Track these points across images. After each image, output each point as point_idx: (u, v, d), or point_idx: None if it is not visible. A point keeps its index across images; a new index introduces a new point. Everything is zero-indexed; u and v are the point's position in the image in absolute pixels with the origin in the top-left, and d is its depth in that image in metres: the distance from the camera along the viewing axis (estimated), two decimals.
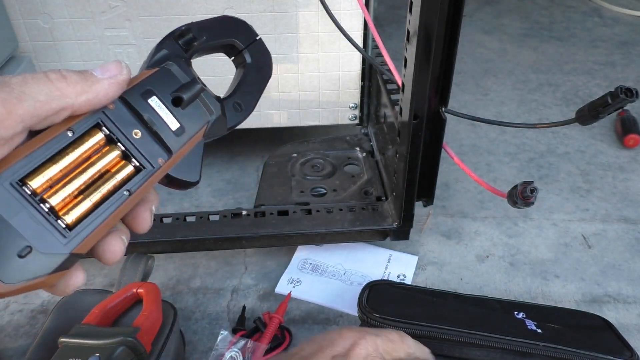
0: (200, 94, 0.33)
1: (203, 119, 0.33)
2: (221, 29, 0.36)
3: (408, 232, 0.79)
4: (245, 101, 0.36)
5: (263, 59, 0.38)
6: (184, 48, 0.34)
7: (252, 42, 0.37)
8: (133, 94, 0.30)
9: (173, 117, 0.31)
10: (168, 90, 0.32)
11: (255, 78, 0.37)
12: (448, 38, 0.65)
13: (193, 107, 0.33)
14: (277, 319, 0.69)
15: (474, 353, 0.61)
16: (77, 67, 0.89)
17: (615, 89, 0.54)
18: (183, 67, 0.33)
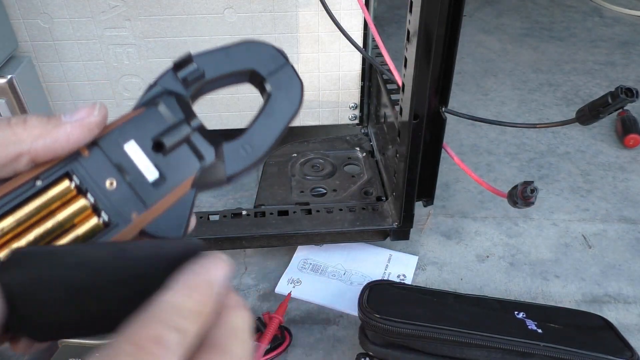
0: (189, 137, 0.28)
1: (190, 167, 0.28)
2: (236, 56, 0.30)
3: (408, 232, 0.79)
4: (256, 141, 0.30)
5: (288, 89, 0.31)
6: (183, 82, 0.29)
7: (278, 69, 0.31)
8: (109, 139, 0.27)
9: (152, 165, 0.27)
10: (150, 134, 0.28)
11: (274, 112, 0.31)
12: (448, 38, 0.65)
13: (178, 153, 0.28)
14: (277, 319, 0.69)
15: (475, 353, 0.61)
16: (77, 67, 0.89)
17: (616, 88, 0.54)
18: (173, 105, 0.28)
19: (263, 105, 0.31)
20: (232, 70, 0.30)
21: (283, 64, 0.31)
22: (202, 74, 0.29)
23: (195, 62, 0.29)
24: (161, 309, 0.21)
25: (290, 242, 0.80)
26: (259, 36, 0.87)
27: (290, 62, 0.31)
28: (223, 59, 0.30)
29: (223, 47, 0.30)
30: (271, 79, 0.31)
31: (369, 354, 0.65)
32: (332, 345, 0.71)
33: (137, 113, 0.28)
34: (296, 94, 0.31)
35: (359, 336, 0.66)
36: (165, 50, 0.87)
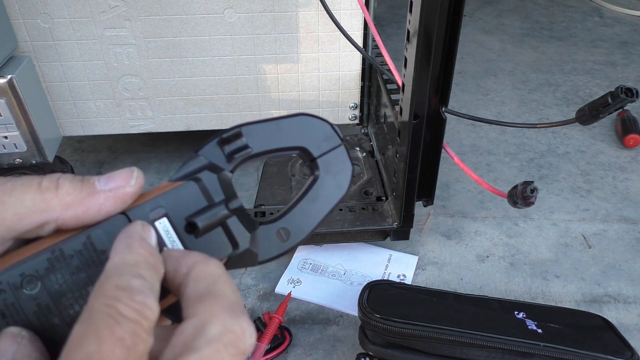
0: (225, 221, 0.26)
1: (222, 252, 0.26)
2: (288, 132, 0.28)
3: (408, 232, 0.79)
4: (296, 228, 0.28)
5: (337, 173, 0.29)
6: (227, 156, 0.27)
7: (329, 150, 0.29)
8: (140, 212, 0.25)
9: (182, 245, 0.25)
10: (184, 212, 0.26)
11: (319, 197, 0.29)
12: (448, 38, 0.65)
13: (212, 236, 0.26)
14: (277, 319, 0.69)
15: (475, 353, 0.61)
16: (76, 67, 0.89)
17: (616, 88, 0.54)
18: (214, 183, 0.26)
19: (308, 187, 0.29)
20: (281, 147, 0.28)
21: (337, 145, 0.29)
22: (249, 150, 0.27)
23: (244, 136, 0.27)
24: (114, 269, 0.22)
25: None
26: (259, 36, 0.87)
27: (344, 144, 0.29)
28: (274, 134, 0.28)
29: (276, 119, 0.28)
30: (322, 160, 0.29)
31: (369, 354, 0.65)
32: (332, 345, 0.71)
33: (174, 186, 0.26)
34: (345, 179, 0.29)
35: (359, 336, 0.66)
36: (165, 50, 0.87)
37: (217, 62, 0.89)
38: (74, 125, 0.93)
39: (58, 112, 0.91)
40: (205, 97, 0.91)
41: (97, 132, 0.94)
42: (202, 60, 0.88)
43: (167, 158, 1.06)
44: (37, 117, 0.82)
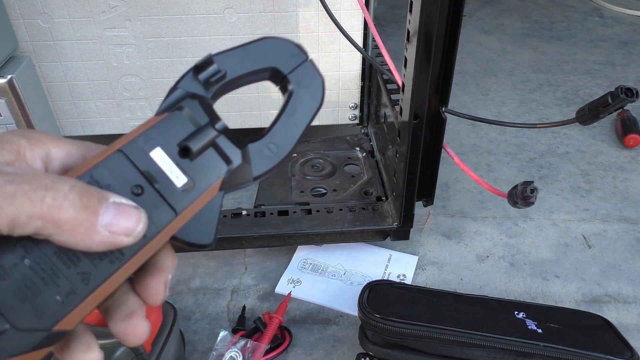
0: (215, 141, 0.28)
1: (217, 171, 0.28)
2: (256, 55, 0.30)
3: (408, 232, 0.79)
4: (280, 140, 0.30)
5: (309, 85, 0.30)
6: (204, 84, 0.29)
7: (298, 66, 0.30)
8: (134, 146, 0.26)
9: (180, 170, 0.27)
10: (175, 139, 0.27)
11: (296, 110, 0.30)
12: (448, 38, 0.65)
13: (205, 157, 0.27)
14: (277, 319, 0.69)
15: (475, 353, 0.61)
16: (76, 67, 0.89)
17: (616, 88, 0.54)
18: (197, 108, 0.28)
19: (285, 103, 0.30)
20: (252, 69, 0.30)
21: (303, 60, 0.30)
22: (223, 75, 0.29)
23: (215, 63, 0.29)
24: None
25: (290, 242, 0.80)
26: (259, 36, 0.87)
27: (310, 58, 0.30)
28: (243, 58, 0.30)
29: (243, 46, 0.30)
30: (292, 76, 0.30)
31: (369, 354, 0.65)
32: (332, 345, 0.71)
33: (160, 118, 0.27)
34: (318, 89, 0.30)
35: (359, 336, 0.66)
36: (165, 50, 0.87)
37: None
38: (74, 125, 0.93)
39: (58, 112, 0.91)
40: None
41: (97, 132, 0.94)
42: None
43: None
44: (37, 117, 0.82)
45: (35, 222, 0.22)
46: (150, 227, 0.26)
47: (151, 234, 0.26)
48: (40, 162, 0.25)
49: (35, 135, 0.26)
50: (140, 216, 0.25)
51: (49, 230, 0.23)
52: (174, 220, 0.27)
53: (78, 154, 0.27)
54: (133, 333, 0.27)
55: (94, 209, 0.23)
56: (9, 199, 0.22)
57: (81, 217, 0.23)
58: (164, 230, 0.26)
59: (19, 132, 0.26)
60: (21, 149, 0.25)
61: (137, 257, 0.26)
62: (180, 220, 0.27)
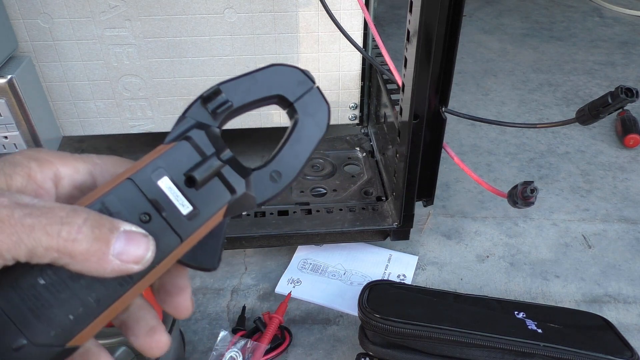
0: (220, 171, 0.29)
1: (222, 199, 0.29)
2: (263, 82, 0.31)
3: (408, 232, 0.79)
4: (285, 168, 0.31)
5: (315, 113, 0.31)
6: (211, 113, 0.30)
7: (304, 93, 0.31)
8: (143, 175, 0.28)
9: (185, 199, 0.28)
10: (182, 169, 0.28)
11: (301, 138, 0.31)
12: (448, 38, 0.65)
13: (210, 186, 0.29)
14: (277, 319, 0.69)
15: (475, 353, 0.61)
16: (76, 67, 0.89)
17: (616, 88, 0.54)
18: (203, 139, 0.29)
19: (290, 131, 0.31)
20: (259, 97, 0.31)
21: (310, 88, 0.31)
22: (230, 104, 0.30)
23: (223, 92, 0.30)
24: None
25: (290, 242, 0.80)
26: (259, 36, 0.87)
27: (316, 85, 0.31)
28: (250, 86, 0.31)
29: (250, 74, 0.31)
30: (298, 104, 0.31)
31: (369, 354, 0.65)
32: (332, 345, 0.71)
33: (168, 147, 0.29)
34: (323, 117, 0.31)
35: (359, 336, 0.66)
36: (165, 50, 0.87)
37: (217, 62, 0.89)
38: (74, 125, 0.93)
39: (58, 112, 0.91)
40: None
41: (97, 132, 0.94)
42: (202, 60, 0.88)
43: None
44: (37, 117, 0.82)
45: (51, 253, 0.24)
46: (157, 253, 0.27)
47: (158, 260, 0.27)
48: (51, 182, 0.27)
49: (44, 155, 0.27)
50: (148, 245, 0.26)
51: (64, 260, 0.25)
52: (179, 246, 0.28)
53: (84, 169, 0.28)
54: (157, 347, 0.29)
55: (105, 240, 0.25)
56: (27, 231, 0.24)
57: (94, 248, 0.25)
58: (170, 255, 0.28)
59: (28, 153, 0.27)
60: (32, 172, 0.26)
61: (144, 280, 0.27)
62: (186, 245, 0.29)
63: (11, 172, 0.26)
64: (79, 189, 0.28)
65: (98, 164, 0.29)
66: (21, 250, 0.24)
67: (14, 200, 0.24)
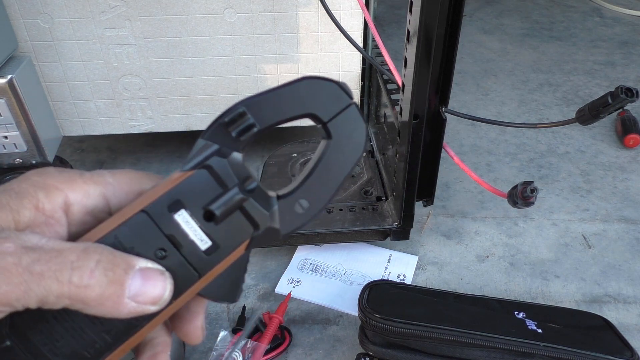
0: (242, 205, 0.27)
1: (243, 234, 0.27)
2: (292, 99, 0.27)
3: (408, 232, 0.79)
4: (314, 196, 0.28)
5: (350, 135, 0.28)
6: (234, 138, 0.27)
7: (339, 112, 0.27)
8: (158, 207, 0.26)
9: (204, 234, 0.26)
10: (201, 201, 0.26)
11: (334, 162, 0.28)
12: (448, 38, 0.65)
13: (231, 220, 0.27)
14: (277, 319, 0.69)
15: (475, 353, 0.61)
16: (76, 67, 0.89)
17: (616, 88, 0.54)
18: (224, 168, 0.26)
19: (322, 153, 0.28)
20: (288, 117, 0.27)
21: (347, 105, 0.28)
22: (255, 128, 0.27)
23: (249, 113, 0.27)
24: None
25: (290, 242, 0.80)
26: (259, 36, 0.87)
27: (354, 102, 0.28)
28: (279, 105, 0.27)
29: (278, 88, 0.27)
30: (332, 124, 0.28)
31: (369, 354, 0.65)
32: (332, 345, 0.71)
33: (186, 176, 0.26)
34: (359, 139, 0.28)
35: (359, 336, 0.66)
36: (165, 50, 0.87)
37: (217, 62, 0.89)
38: (74, 125, 0.93)
39: (58, 112, 0.91)
40: (205, 97, 0.91)
41: (97, 132, 0.94)
42: (202, 60, 0.88)
43: (167, 158, 1.06)
44: (37, 117, 0.82)
45: (63, 300, 0.23)
46: (174, 290, 0.26)
47: (175, 296, 0.26)
48: (60, 211, 0.26)
49: (51, 181, 0.25)
50: (165, 284, 0.25)
51: (77, 306, 0.24)
52: (197, 282, 0.27)
53: (95, 192, 0.27)
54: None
55: (120, 282, 0.24)
56: (36, 280, 0.22)
57: (108, 292, 0.23)
58: (188, 291, 0.27)
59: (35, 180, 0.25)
60: (39, 204, 0.25)
61: (161, 316, 0.26)
62: (204, 280, 0.27)
63: (18, 206, 0.24)
64: (91, 214, 0.27)
65: (110, 184, 0.27)
66: (31, 299, 0.23)
67: (21, 244, 0.23)
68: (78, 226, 0.26)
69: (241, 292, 0.28)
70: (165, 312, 0.26)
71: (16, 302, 0.23)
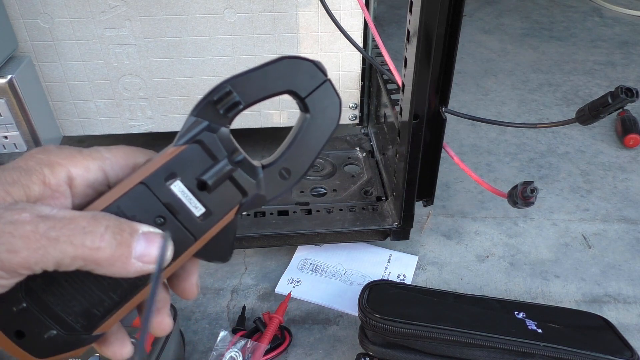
0: (232, 174, 0.30)
1: (233, 200, 0.30)
2: (273, 77, 0.30)
3: (408, 232, 0.79)
4: (295, 165, 0.31)
5: (326, 108, 0.31)
6: (223, 115, 0.29)
7: (316, 88, 0.30)
8: (155, 178, 0.28)
9: (198, 201, 0.29)
10: (194, 173, 0.29)
11: (312, 133, 0.31)
12: (448, 38, 0.65)
13: (222, 188, 0.30)
14: (277, 319, 0.69)
15: (475, 353, 0.61)
16: (76, 67, 0.89)
17: (616, 88, 0.54)
18: (214, 142, 0.29)
19: (300, 126, 0.31)
20: (270, 93, 0.30)
21: (322, 81, 0.30)
22: (241, 105, 0.30)
23: (234, 91, 0.29)
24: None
25: (290, 242, 0.80)
26: (259, 36, 0.87)
27: (329, 79, 0.31)
28: (261, 82, 0.30)
29: (260, 68, 0.30)
30: (309, 99, 0.30)
31: (369, 354, 0.65)
32: (332, 345, 0.71)
33: (179, 150, 0.29)
34: (334, 113, 0.31)
35: (359, 336, 0.66)
36: (165, 50, 0.87)
37: (217, 62, 0.89)
38: (74, 125, 0.93)
39: (58, 112, 0.91)
40: None
41: (97, 132, 0.94)
42: (202, 60, 0.88)
43: None
44: (37, 117, 0.82)
45: (78, 262, 0.26)
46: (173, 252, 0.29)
47: (174, 257, 0.29)
48: (65, 185, 0.28)
49: (54, 158, 0.28)
50: (166, 246, 0.28)
51: (90, 267, 0.26)
52: (193, 245, 0.30)
53: (95, 167, 0.29)
54: (159, 327, 0.32)
55: (127, 244, 0.26)
56: (52, 244, 0.25)
57: (117, 253, 0.26)
58: (185, 253, 0.30)
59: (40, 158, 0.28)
60: (46, 179, 0.27)
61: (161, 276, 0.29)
62: (199, 243, 0.30)
63: (27, 181, 0.27)
64: (92, 186, 0.29)
65: (108, 159, 0.29)
66: (49, 262, 0.25)
67: (36, 214, 0.25)
68: (81, 198, 0.29)
69: (232, 253, 0.31)
70: (164, 273, 0.29)
71: (35, 265, 0.25)
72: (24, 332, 0.28)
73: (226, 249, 0.31)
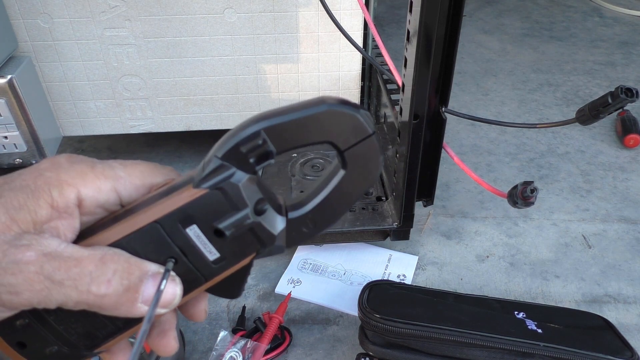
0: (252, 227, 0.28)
1: (250, 249, 0.28)
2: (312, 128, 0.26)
3: (408, 232, 0.79)
4: (322, 218, 0.29)
5: (365, 164, 0.28)
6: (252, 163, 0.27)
7: (358, 142, 0.27)
8: (171, 220, 0.27)
9: (213, 247, 0.28)
10: (212, 219, 0.27)
11: (346, 188, 0.28)
12: (448, 38, 0.65)
13: (240, 237, 0.28)
14: (277, 319, 0.69)
15: (475, 353, 0.61)
16: (76, 67, 0.89)
17: (616, 88, 0.54)
18: (239, 192, 0.27)
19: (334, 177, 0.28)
20: (306, 143, 0.27)
21: (366, 136, 0.27)
22: (272, 154, 0.27)
23: (268, 141, 0.26)
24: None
25: None
26: (259, 36, 0.87)
27: (374, 132, 0.27)
28: (297, 131, 0.26)
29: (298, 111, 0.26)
30: (349, 152, 0.27)
31: (369, 354, 0.65)
32: (332, 345, 0.71)
33: (200, 194, 0.27)
34: (374, 169, 0.28)
35: (359, 336, 0.66)
36: (165, 50, 0.87)
37: (217, 62, 0.89)
38: (74, 125, 0.93)
39: (58, 112, 0.91)
40: (205, 97, 0.91)
41: (97, 132, 0.94)
42: (202, 60, 0.88)
43: (167, 158, 1.06)
44: (37, 117, 0.82)
45: (81, 306, 0.25)
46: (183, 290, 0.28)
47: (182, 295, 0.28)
48: (73, 206, 0.27)
49: (64, 177, 0.26)
50: (176, 290, 0.27)
51: (94, 310, 0.26)
52: (203, 285, 0.29)
53: (107, 187, 0.28)
54: (164, 350, 0.31)
55: (135, 289, 0.26)
56: (56, 287, 0.24)
57: (123, 299, 0.25)
58: (194, 291, 0.29)
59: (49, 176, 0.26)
60: (54, 202, 0.26)
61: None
62: (210, 283, 0.29)
63: (35, 206, 0.25)
64: (103, 207, 0.28)
65: (122, 178, 0.28)
66: (52, 303, 0.25)
67: (42, 252, 0.24)
68: (90, 216, 0.28)
69: (243, 290, 0.31)
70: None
71: (37, 305, 0.25)
72: (25, 344, 0.28)
73: (237, 288, 0.30)
